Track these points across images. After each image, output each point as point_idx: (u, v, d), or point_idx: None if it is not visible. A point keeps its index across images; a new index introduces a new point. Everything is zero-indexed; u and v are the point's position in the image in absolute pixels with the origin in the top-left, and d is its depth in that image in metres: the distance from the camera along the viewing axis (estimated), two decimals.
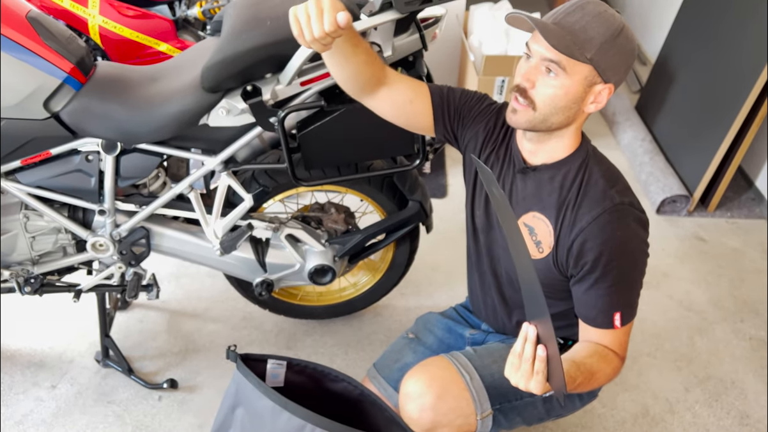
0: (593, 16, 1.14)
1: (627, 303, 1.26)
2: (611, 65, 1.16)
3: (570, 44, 1.13)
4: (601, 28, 1.14)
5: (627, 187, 1.28)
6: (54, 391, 1.97)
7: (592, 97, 1.20)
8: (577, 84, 1.17)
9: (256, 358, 1.39)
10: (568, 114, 1.21)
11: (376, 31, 1.59)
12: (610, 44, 1.14)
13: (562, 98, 1.18)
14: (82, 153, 1.62)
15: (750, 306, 2.33)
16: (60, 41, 1.55)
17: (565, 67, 1.15)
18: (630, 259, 1.24)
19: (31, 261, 1.77)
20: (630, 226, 1.23)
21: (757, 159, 2.85)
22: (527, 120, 1.21)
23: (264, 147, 1.78)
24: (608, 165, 1.31)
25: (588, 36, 1.14)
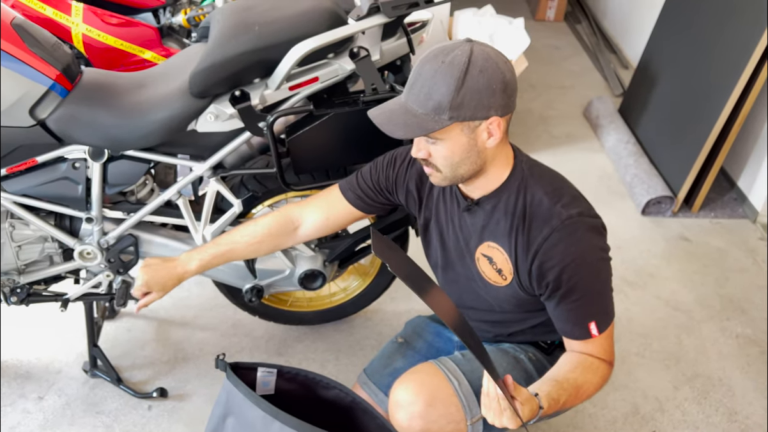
0: (432, 77, 1.13)
1: (599, 311, 1.26)
2: (475, 107, 1.13)
3: (419, 125, 1.14)
4: (442, 86, 1.12)
5: (574, 197, 1.27)
6: (41, 403, 1.94)
7: (484, 135, 1.19)
8: (458, 140, 1.18)
9: (246, 366, 1.38)
10: (472, 161, 1.22)
11: (363, 36, 1.60)
12: (459, 95, 1.12)
13: (455, 156, 1.20)
14: (68, 160, 1.61)
15: (736, 304, 2.36)
16: (45, 48, 1.54)
17: (436, 135, 1.17)
18: (591, 270, 1.23)
19: (17, 270, 1.75)
20: (583, 239, 1.22)
21: (739, 159, 2.90)
22: (441, 180, 1.26)
23: (252, 152, 1.78)
24: (549, 179, 1.29)
25: (435, 101, 1.13)
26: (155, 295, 1.50)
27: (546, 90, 3.86)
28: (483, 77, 1.12)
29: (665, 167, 2.93)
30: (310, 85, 1.56)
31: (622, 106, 3.49)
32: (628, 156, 3.03)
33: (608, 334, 1.29)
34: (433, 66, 1.13)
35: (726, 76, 2.59)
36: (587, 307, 1.25)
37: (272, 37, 1.48)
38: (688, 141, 2.77)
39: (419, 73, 1.15)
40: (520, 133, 3.41)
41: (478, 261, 1.37)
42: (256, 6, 1.58)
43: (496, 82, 1.13)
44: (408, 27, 1.63)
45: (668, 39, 3.16)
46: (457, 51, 1.13)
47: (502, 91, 1.14)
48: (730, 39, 2.65)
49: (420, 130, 1.14)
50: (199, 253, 1.51)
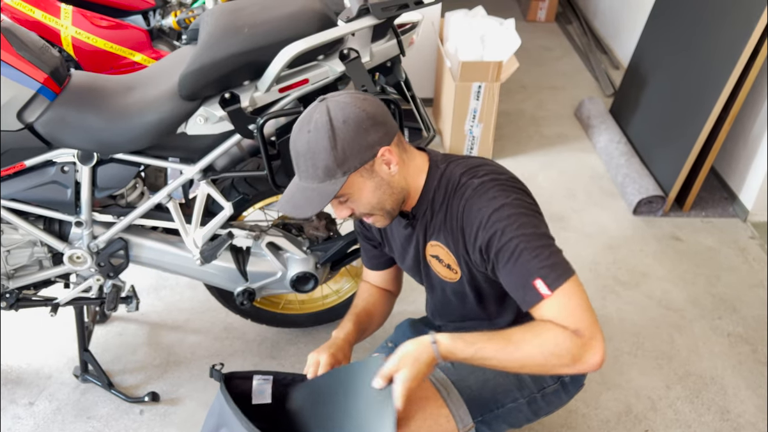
0: (307, 149, 1.17)
1: (541, 266, 1.14)
2: (358, 153, 1.17)
3: (321, 195, 1.17)
4: (321, 152, 1.16)
5: (491, 170, 1.26)
6: (32, 408, 1.92)
7: (384, 168, 1.22)
8: (365, 186, 1.21)
9: (241, 376, 1.37)
10: (390, 193, 1.25)
11: (353, 37, 1.60)
12: (338, 151, 1.16)
13: (369, 201, 1.23)
14: (57, 164, 1.60)
15: (727, 303, 2.36)
16: (33, 51, 1.53)
17: (342, 194, 1.20)
18: (514, 223, 1.17)
19: (6, 275, 1.73)
20: (496, 196, 1.20)
21: (729, 159, 2.91)
22: (384, 220, 1.29)
23: (243, 155, 1.77)
24: (465, 163, 1.29)
25: (322, 168, 1.16)
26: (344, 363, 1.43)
27: (537, 91, 3.87)
28: (349, 125, 1.16)
29: (656, 167, 2.94)
30: (301, 87, 1.56)
31: (613, 107, 3.50)
32: (620, 156, 3.04)
33: (567, 293, 1.14)
34: (303, 139, 1.18)
35: (716, 75, 2.60)
36: (525, 264, 1.15)
37: (262, 39, 1.48)
38: (679, 141, 2.78)
39: (296, 152, 1.20)
40: (512, 134, 3.41)
41: (430, 264, 1.38)
42: (245, 8, 1.57)
43: (363, 122, 1.17)
44: (398, 28, 1.63)
45: (658, 39, 3.17)
46: (315, 115, 1.17)
47: (372, 126, 1.18)
48: (719, 39, 2.66)
49: (324, 198, 1.17)
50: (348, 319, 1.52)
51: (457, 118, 3.03)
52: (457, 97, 2.96)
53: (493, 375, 1.36)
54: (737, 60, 2.47)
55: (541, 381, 1.40)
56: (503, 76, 2.94)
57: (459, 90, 2.95)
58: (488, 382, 1.35)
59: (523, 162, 3.19)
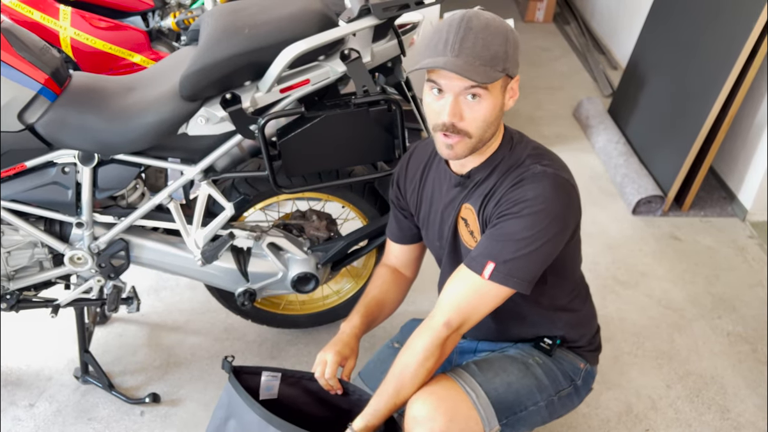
0: (483, 29, 1.15)
1: (505, 260, 1.20)
2: (514, 63, 1.20)
3: (488, 71, 1.14)
4: (496, 38, 1.15)
5: (555, 160, 1.28)
6: (32, 410, 1.92)
7: (508, 95, 1.23)
8: (498, 96, 1.20)
9: (250, 371, 1.38)
10: (497, 123, 1.24)
11: (354, 38, 1.60)
12: (509, 47, 1.17)
13: (491, 115, 1.20)
14: (58, 165, 1.60)
15: (726, 302, 2.37)
16: (34, 52, 1.53)
17: (488, 87, 1.17)
18: (528, 215, 1.19)
19: (7, 277, 1.73)
20: (544, 187, 1.21)
21: (727, 158, 2.92)
22: (466, 149, 1.23)
23: (243, 155, 1.77)
24: (535, 145, 1.32)
25: (492, 52, 1.15)
26: (352, 360, 1.44)
27: (535, 91, 3.88)
28: (515, 36, 1.20)
29: (655, 167, 2.94)
30: (301, 87, 1.56)
31: (611, 107, 3.50)
32: (618, 156, 3.05)
33: (491, 292, 1.22)
34: (483, 18, 1.16)
35: (714, 75, 2.61)
36: (500, 246, 1.20)
37: (263, 39, 1.48)
38: (678, 141, 2.79)
39: (468, 28, 1.14)
40: None
41: (459, 227, 1.38)
42: (246, 8, 1.57)
43: (518, 42, 1.21)
44: (399, 29, 1.63)
45: (657, 39, 3.18)
46: (486, 14, 1.18)
47: (518, 51, 1.21)
48: (717, 39, 2.67)
49: (488, 78, 1.14)
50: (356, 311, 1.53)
51: None
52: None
53: (515, 378, 1.35)
54: (736, 59, 2.48)
55: (557, 383, 1.40)
56: None
57: None
58: (512, 384, 1.34)
59: None
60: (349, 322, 1.47)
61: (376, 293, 1.55)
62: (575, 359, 1.45)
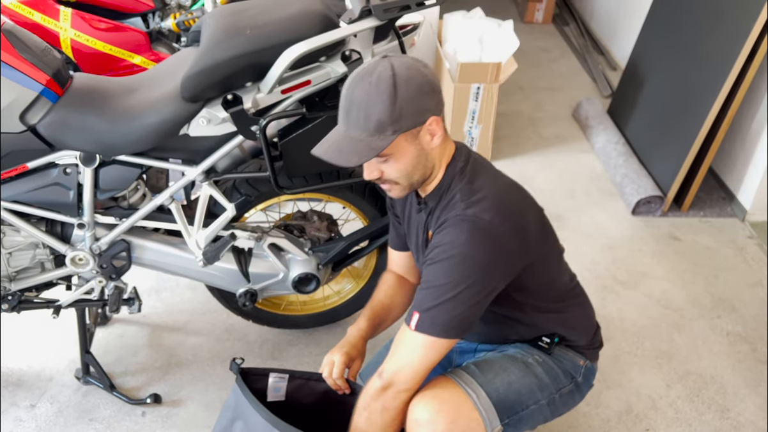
0: (365, 98, 1.15)
1: (427, 309, 1.21)
2: (413, 114, 1.17)
3: (368, 148, 1.16)
4: (378, 104, 1.15)
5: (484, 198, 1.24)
6: (33, 411, 1.92)
7: (427, 137, 1.22)
8: (406, 151, 1.21)
9: (257, 372, 1.39)
10: (423, 165, 1.25)
11: (355, 39, 1.60)
12: (396, 107, 1.15)
13: (409, 165, 1.23)
14: (59, 166, 1.60)
15: (726, 302, 2.38)
16: (35, 53, 1.53)
17: (386, 152, 1.19)
18: (449, 263, 1.20)
19: (8, 277, 1.73)
20: (461, 233, 1.20)
21: (726, 158, 2.92)
22: (400, 192, 1.29)
23: (244, 156, 1.77)
24: (470, 179, 1.29)
25: (375, 121, 1.15)
26: (358, 361, 1.45)
27: (534, 92, 3.88)
28: (412, 84, 1.16)
29: (654, 167, 2.95)
30: (303, 88, 1.56)
31: (611, 107, 3.51)
32: (618, 156, 3.05)
33: (419, 344, 1.22)
34: (362, 89, 1.16)
35: (713, 76, 2.62)
36: (423, 295, 1.22)
37: (264, 40, 1.48)
38: (677, 141, 2.80)
39: (350, 100, 1.18)
40: (509, 135, 3.42)
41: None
42: (247, 10, 1.57)
43: (425, 85, 1.18)
44: (399, 30, 1.64)
45: (656, 40, 3.18)
46: (379, 68, 1.16)
47: (431, 92, 1.19)
48: (716, 39, 2.68)
49: (371, 152, 1.16)
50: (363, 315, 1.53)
51: (456, 120, 3.04)
52: (455, 98, 2.97)
53: (516, 377, 1.36)
54: (735, 59, 2.49)
55: (558, 381, 1.41)
56: (502, 78, 2.95)
57: (458, 91, 2.95)
58: (513, 384, 1.34)
59: (521, 163, 3.20)
60: (356, 325, 1.48)
61: (382, 298, 1.56)
62: (575, 357, 1.45)
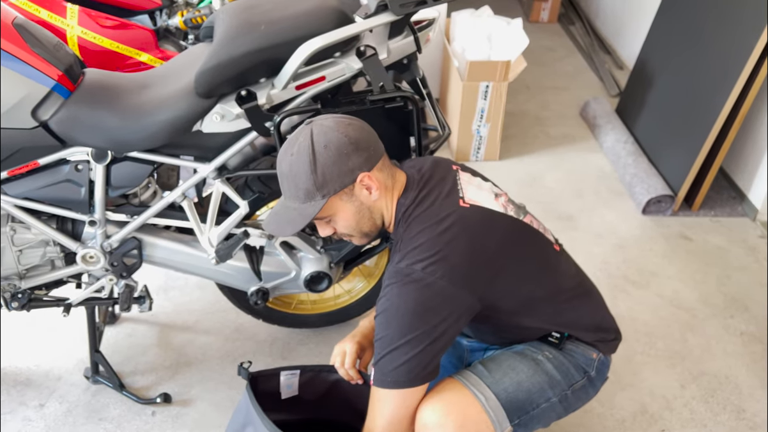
0: (290, 171, 1.23)
1: (377, 363, 1.23)
2: (338, 177, 1.22)
3: (301, 215, 1.23)
4: (301, 175, 1.22)
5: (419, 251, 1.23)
6: (42, 410, 1.90)
7: (364, 192, 1.26)
8: (344, 208, 1.27)
9: (267, 374, 1.39)
10: (369, 217, 1.30)
11: (370, 34, 1.59)
12: (318, 175, 1.21)
13: (351, 220, 1.29)
14: (71, 162, 1.58)
15: (739, 302, 2.36)
16: (47, 48, 1.51)
17: (323, 215, 1.26)
18: (387, 316, 1.22)
19: (18, 275, 1.71)
20: (389, 287, 1.23)
21: (737, 158, 2.91)
22: (360, 240, 1.36)
23: (255, 153, 1.76)
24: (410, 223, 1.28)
25: (303, 189, 1.23)
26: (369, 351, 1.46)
27: (541, 91, 3.86)
28: (330, 150, 1.21)
29: (664, 167, 2.93)
30: (317, 84, 1.54)
31: (619, 107, 3.49)
32: (627, 156, 3.03)
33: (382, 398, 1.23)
34: (286, 161, 1.24)
35: (725, 74, 2.60)
36: (376, 351, 1.24)
37: (278, 36, 1.47)
38: (688, 140, 2.78)
39: (280, 173, 1.26)
40: (517, 134, 3.41)
41: None
42: (261, 5, 1.56)
43: (344, 147, 1.22)
44: (414, 25, 1.62)
45: (666, 39, 3.17)
46: (300, 138, 1.23)
47: (354, 151, 1.23)
48: (729, 38, 2.66)
49: (304, 219, 1.23)
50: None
51: (465, 118, 3.02)
52: (464, 96, 2.96)
53: (526, 376, 1.34)
54: (747, 58, 2.47)
55: (570, 377, 1.38)
56: (511, 76, 2.93)
57: (466, 90, 2.94)
58: (522, 383, 1.33)
59: (529, 162, 3.19)
60: (369, 317, 1.48)
61: None
62: (587, 350, 1.42)
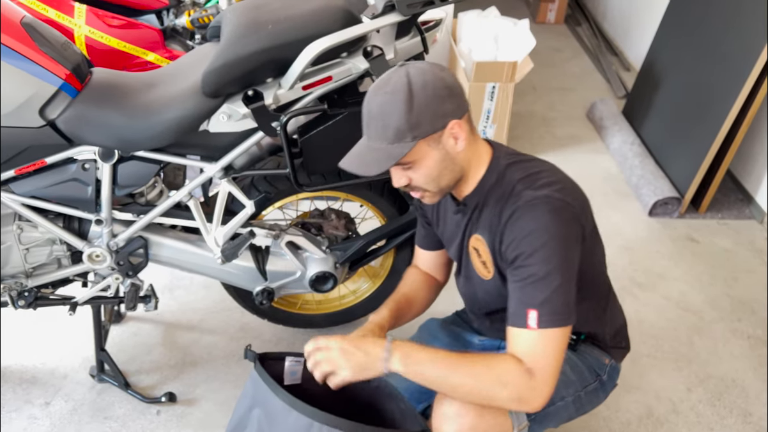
0: (381, 109, 1.17)
1: (543, 301, 1.16)
2: (431, 120, 1.17)
3: (388, 156, 1.17)
4: (394, 113, 1.15)
5: (549, 182, 1.23)
6: (48, 409, 1.91)
7: (450, 142, 1.21)
8: (429, 156, 1.20)
9: (273, 357, 1.38)
10: (451, 169, 1.24)
11: (377, 34, 1.59)
12: (412, 115, 1.15)
13: (434, 170, 1.22)
14: (78, 161, 1.59)
15: (746, 305, 2.34)
16: (55, 47, 1.52)
17: (407, 159, 1.19)
18: (542, 251, 1.17)
19: (25, 274, 1.72)
20: (542, 217, 1.18)
21: (744, 161, 2.89)
22: (432, 198, 1.29)
23: (261, 153, 1.76)
24: (526, 167, 1.28)
25: (393, 129, 1.16)
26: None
27: (548, 92, 3.85)
28: (427, 90, 1.16)
29: (671, 168, 2.92)
30: (324, 84, 1.54)
31: (626, 108, 3.48)
32: (634, 157, 3.02)
33: (549, 337, 1.16)
34: (377, 100, 1.18)
35: (733, 76, 2.59)
36: (530, 291, 1.17)
37: (286, 35, 1.46)
38: (695, 142, 2.76)
39: (369, 111, 1.20)
40: (523, 135, 3.40)
41: (471, 255, 1.38)
42: (268, 4, 1.56)
43: (441, 90, 1.17)
44: (422, 26, 1.62)
45: (673, 40, 3.15)
46: (394, 77, 1.18)
47: (449, 96, 1.18)
48: (737, 40, 2.64)
49: (390, 160, 1.17)
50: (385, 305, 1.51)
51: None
52: (471, 97, 2.95)
53: None
54: (755, 60, 2.45)
55: (583, 378, 1.39)
56: (518, 77, 2.92)
57: (473, 90, 2.93)
58: None
59: None
60: (378, 313, 1.47)
61: (406, 290, 1.54)
62: (600, 354, 1.43)
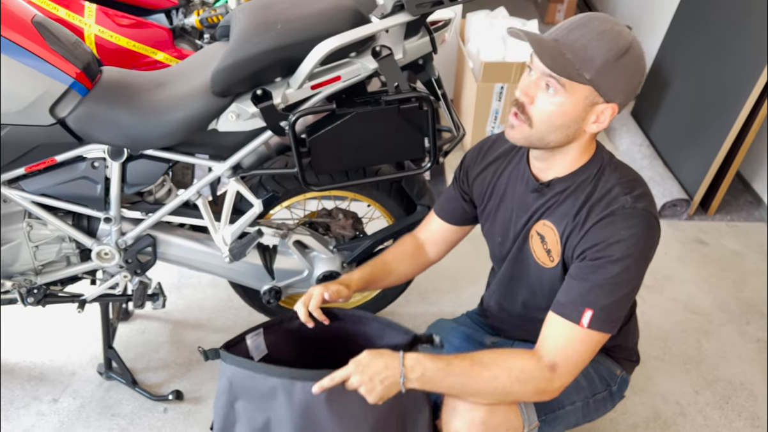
0: (596, 34, 1.11)
1: (605, 306, 1.17)
2: (614, 86, 1.13)
3: (567, 65, 1.11)
4: (603, 47, 1.11)
5: (646, 194, 1.22)
6: (56, 405, 1.92)
7: (593, 116, 1.17)
8: (576, 104, 1.14)
9: (234, 342, 1.36)
10: (566, 133, 1.18)
11: (386, 34, 1.59)
12: (612, 65, 1.11)
13: (559, 117, 1.15)
14: (87, 160, 1.59)
15: (755, 308, 2.33)
16: (66, 46, 1.52)
17: (565, 84, 1.12)
18: (622, 261, 1.17)
19: (34, 271, 1.73)
20: (636, 229, 1.17)
21: (754, 162, 2.87)
22: (523, 137, 1.20)
23: (269, 153, 1.76)
24: (626, 172, 1.26)
25: (588, 55, 1.11)
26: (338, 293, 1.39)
27: None
28: (635, 65, 1.14)
29: (680, 170, 2.91)
30: (332, 84, 1.54)
31: (634, 109, 3.47)
32: (642, 159, 3.01)
33: (589, 339, 1.18)
34: (601, 26, 1.12)
35: (743, 78, 2.57)
36: (597, 292, 1.17)
37: (295, 35, 1.47)
38: (704, 144, 2.75)
39: (584, 24, 1.13)
40: None
41: (531, 239, 1.34)
42: (277, 4, 1.56)
43: (639, 76, 1.16)
44: (430, 26, 1.62)
45: (683, 41, 3.14)
46: (623, 29, 1.14)
47: (636, 86, 1.17)
48: (746, 41, 2.63)
49: (562, 70, 1.10)
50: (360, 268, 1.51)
51: (479, 119, 3.02)
52: (478, 97, 2.95)
53: None
54: (765, 62, 2.44)
55: (594, 386, 1.38)
56: None
57: (481, 91, 2.93)
58: None
59: None
60: (349, 273, 1.46)
61: (389, 259, 1.54)
62: (612, 365, 1.43)
